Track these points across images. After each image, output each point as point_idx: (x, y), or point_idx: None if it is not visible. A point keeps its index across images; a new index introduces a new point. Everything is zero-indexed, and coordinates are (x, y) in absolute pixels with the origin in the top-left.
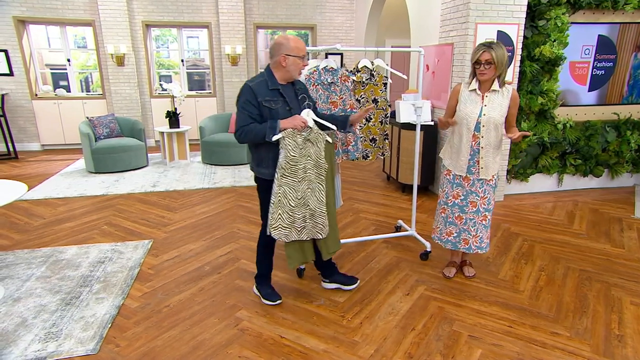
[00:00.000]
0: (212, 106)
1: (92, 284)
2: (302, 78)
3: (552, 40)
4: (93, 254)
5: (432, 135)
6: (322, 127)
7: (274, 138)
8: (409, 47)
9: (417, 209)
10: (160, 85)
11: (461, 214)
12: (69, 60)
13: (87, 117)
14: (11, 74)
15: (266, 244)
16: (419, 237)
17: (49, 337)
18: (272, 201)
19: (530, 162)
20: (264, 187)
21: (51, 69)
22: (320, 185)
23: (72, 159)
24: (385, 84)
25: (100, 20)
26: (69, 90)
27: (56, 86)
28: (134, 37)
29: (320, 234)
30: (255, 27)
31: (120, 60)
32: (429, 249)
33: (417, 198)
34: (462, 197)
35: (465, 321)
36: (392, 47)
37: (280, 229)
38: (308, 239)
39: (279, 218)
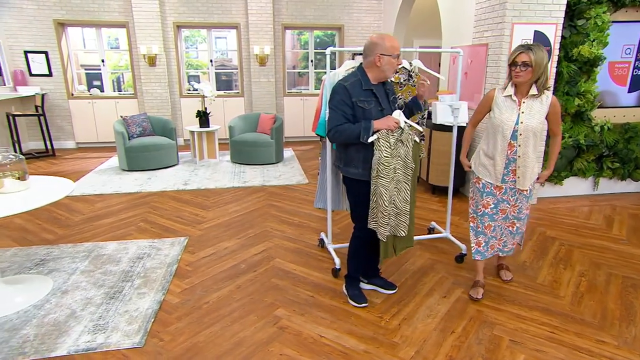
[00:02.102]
0: (239, 106)
1: (133, 279)
2: (339, 78)
3: (591, 40)
4: (132, 250)
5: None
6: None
7: (370, 139)
8: (439, 47)
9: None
10: (192, 85)
11: (490, 222)
12: (103, 61)
13: (121, 116)
14: (50, 74)
15: (358, 246)
16: (454, 239)
17: (97, 329)
18: (371, 200)
19: (565, 165)
20: (354, 187)
21: (85, 69)
22: (406, 185)
23: (106, 157)
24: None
25: (133, 21)
26: (102, 90)
27: (90, 86)
28: (165, 38)
29: (403, 232)
30: (283, 27)
31: (152, 61)
32: (464, 252)
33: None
34: (493, 206)
35: (506, 325)
36: (419, 47)
37: (377, 225)
38: (390, 234)
39: (376, 217)
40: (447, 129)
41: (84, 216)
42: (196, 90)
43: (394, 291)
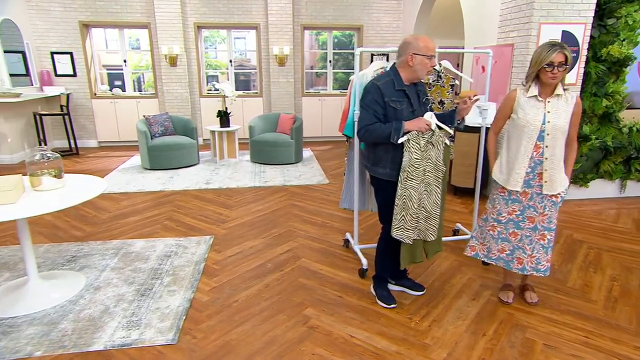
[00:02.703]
0: (258, 106)
1: (162, 276)
2: (369, 79)
3: (621, 39)
4: (159, 248)
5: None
6: (440, 129)
7: (400, 140)
8: (459, 47)
9: (472, 213)
10: (213, 85)
11: (516, 230)
12: (125, 61)
13: (144, 116)
14: (74, 74)
15: (386, 247)
16: None
17: (130, 325)
18: (396, 203)
19: (591, 167)
20: (382, 187)
21: (107, 69)
22: (437, 188)
23: (127, 156)
24: (452, 86)
25: (155, 22)
26: (124, 90)
27: (111, 86)
28: (186, 39)
29: (432, 236)
30: (302, 27)
31: (173, 61)
32: None
33: (471, 201)
34: (519, 212)
35: (538, 329)
36: (439, 47)
37: (403, 230)
38: (419, 238)
39: (402, 220)
40: (470, 129)
41: (111, 214)
42: (217, 90)
43: (422, 292)
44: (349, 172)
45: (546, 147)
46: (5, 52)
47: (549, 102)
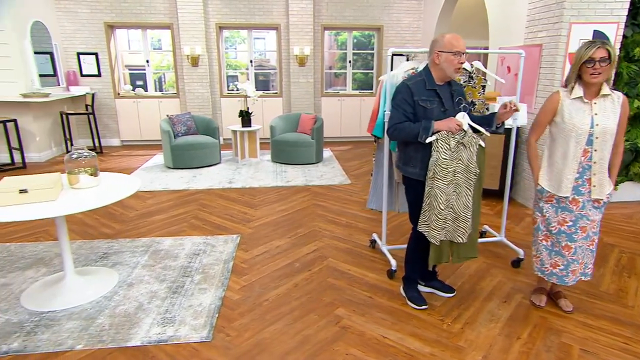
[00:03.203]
0: (278, 106)
1: (192, 274)
2: (399, 80)
3: None
4: (187, 246)
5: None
6: (475, 131)
7: (428, 140)
8: (482, 48)
9: (498, 215)
10: (235, 85)
11: (569, 243)
12: (147, 61)
13: (167, 115)
14: (99, 74)
15: (417, 247)
16: (509, 243)
17: (165, 322)
18: (424, 201)
19: (621, 169)
20: (412, 186)
21: (129, 69)
22: (468, 190)
23: (150, 155)
24: (483, 87)
25: (178, 23)
26: (146, 90)
27: (133, 86)
28: (207, 39)
29: (461, 238)
30: (322, 28)
31: (195, 61)
32: (522, 257)
33: (496, 203)
34: (571, 224)
35: (574, 334)
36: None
37: (430, 229)
38: (446, 239)
39: (428, 219)
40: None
41: (137, 212)
42: (239, 90)
43: (452, 294)
44: (377, 172)
45: (595, 150)
46: (35, 53)
47: (595, 103)
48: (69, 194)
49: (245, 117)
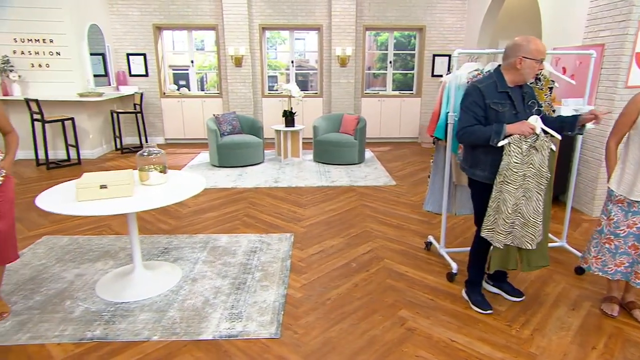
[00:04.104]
0: (318, 106)
1: (252, 271)
2: (463, 81)
3: None
4: (244, 244)
5: (567, 142)
6: (546, 134)
7: (500, 143)
8: None
9: (555, 219)
10: (280, 85)
11: (637, 243)
12: (192, 62)
13: (214, 115)
14: (146, 74)
15: (480, 250)
16: (572, 249)
17: (233, 317)
18: (489, 205)
19: None
20: (479, 190)
21: (173, 69)
22: (538, 195)
23: (194, 153)
24: (550, 89)
25: (223, 24)
26: (189, 89)
27: (178, 86)
28: (251, 40)
29: (530, 245)
30: (364, 28)
31: (238, 62)
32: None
33: (553, 208)
34: None
35: None
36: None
37: (494, 233)
38: (512, 244)
39: (494, 222)
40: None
41: (190, 209)
42: (284, 90)
43: (521, 299)
44: (435, 174)
45: None
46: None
47: None
48: (140, 191)
49: (289, 117)
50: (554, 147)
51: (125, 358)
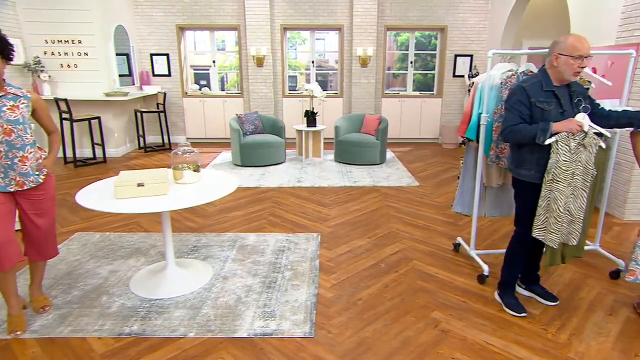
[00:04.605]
0: (338, 107)
1: (282, 270)
2: (497, 82)
3: None
4: (271, 243)
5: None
6: (597, 132)
7: (547, 141)
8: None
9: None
10: (303, 85)
11: None
12: (214, 62)
13: (237, 114)
14: (169, 74)
15: (518, 250)
16: (607, 253)
17: (266, 316)
18: (539, 205)
19: None
20: (525, 189)
21: (194, 69)
22: (583, 192)
23: (215, 152)
24: (587, 89)
25: (245, 24)
26: (210, 89)
27: (199, 85)
28: (272, 40)
29: (574, 240)
30: (385, 28)
31: (260, 62)
32: (622, 268)
33: None
34: None
35: None
36: (528, 48)
37: (546, 232)
38: (560, 241)
39: (546, 221)
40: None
41: (217, 207)
42: (307, 90)
43: (556, 303)
44: (465, 176)
45: None
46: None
47: None
48: (174, 189)
49: (311, 117)
50: (602, 145)
51: (163, 353)
